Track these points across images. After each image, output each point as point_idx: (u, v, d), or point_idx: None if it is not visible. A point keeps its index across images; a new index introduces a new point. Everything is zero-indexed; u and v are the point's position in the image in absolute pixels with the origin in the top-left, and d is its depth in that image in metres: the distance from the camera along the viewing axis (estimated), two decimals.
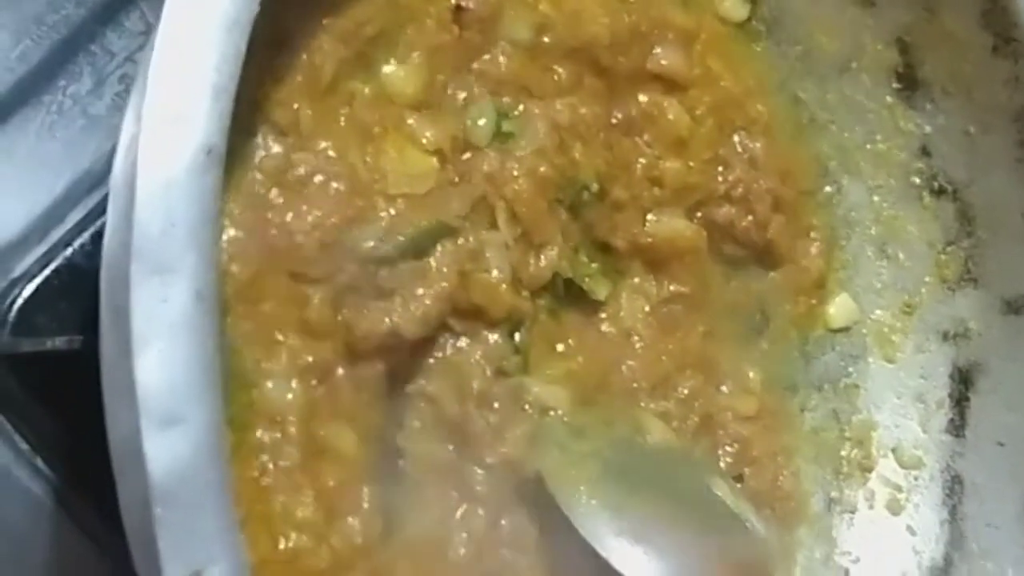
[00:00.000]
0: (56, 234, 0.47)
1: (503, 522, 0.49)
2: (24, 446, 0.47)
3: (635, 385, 0.54)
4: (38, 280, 0.46)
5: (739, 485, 0.55)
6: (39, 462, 0.47)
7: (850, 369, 0.60)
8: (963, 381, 0.59)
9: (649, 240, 0.54)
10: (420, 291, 0.47)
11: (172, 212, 0.33)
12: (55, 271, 0.47)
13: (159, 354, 0.33)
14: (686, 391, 0.55)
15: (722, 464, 0.56)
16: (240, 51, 0.35)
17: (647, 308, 0.55)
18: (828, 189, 0.60)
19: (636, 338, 0.54)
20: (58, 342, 0.45)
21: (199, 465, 0.33)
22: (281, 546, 0.43)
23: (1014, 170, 0.56)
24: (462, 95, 0.50)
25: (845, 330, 0.60)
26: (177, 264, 0.33)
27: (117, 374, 0.35)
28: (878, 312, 0.60)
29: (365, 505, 0.46)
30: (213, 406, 0.34)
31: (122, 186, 0.36)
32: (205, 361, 0.34)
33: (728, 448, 0.56)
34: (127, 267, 0.33)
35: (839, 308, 0.60)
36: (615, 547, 0.48)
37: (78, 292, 0.45)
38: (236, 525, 0.34)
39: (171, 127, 0.34)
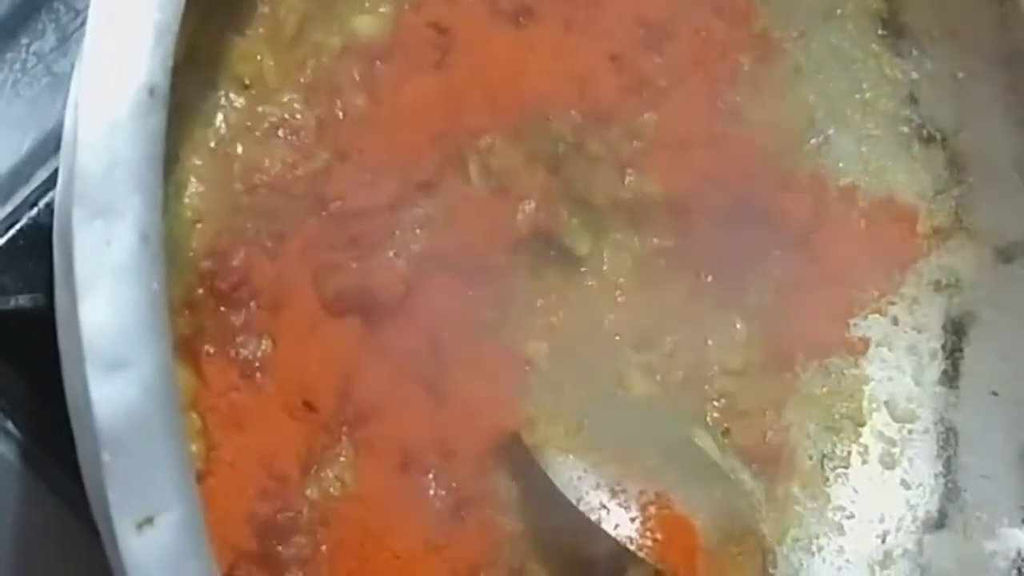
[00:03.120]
0: (22, 194, 0.47)
1: (482, 478, 0.48)
2: None
3: (617, 338, 0.53)
4: (3, 240, 0.46)
5: (726, 440, 0.55)
6: (9, 424, 0.46)
7: None
8: (956, 332, 0.58)
9: (628, 195, 0.53)
10: (392, 252, 0.47)
11: (115, 154, 0.33)
12: (20, 231, 0.46)
13: (104, 297, 0.32)
14: (671, 344, 0.54)
15: (708, 419, 0.55)
16: None
17: (630, 262, 0.54)
18: (815, 140, 0.59)
19: (619, 292, 0.54)
20: (22, 300, 0.44)
21: (148, 409, 0.33)
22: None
23: (1004, 115, 0.55)
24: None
25: None
26: (121, 206, 0.33)
27: (70, 324, 0.34)
28: None
29: (342, 459, 0.46)
30: (160, 349, 0.33)
31: (71, 136, 0.35)
32: (151, 304, 0.33)
33: (715, 403, 0.55)
34: None
35: None
36: (593, 501, 0.48)
37: (44, 252, 0.44)
38: (189, 470, 0.34)
39: (113, 68, 0.33)
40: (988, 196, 0.56)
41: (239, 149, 0.44)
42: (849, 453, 0.58)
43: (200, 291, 0.43)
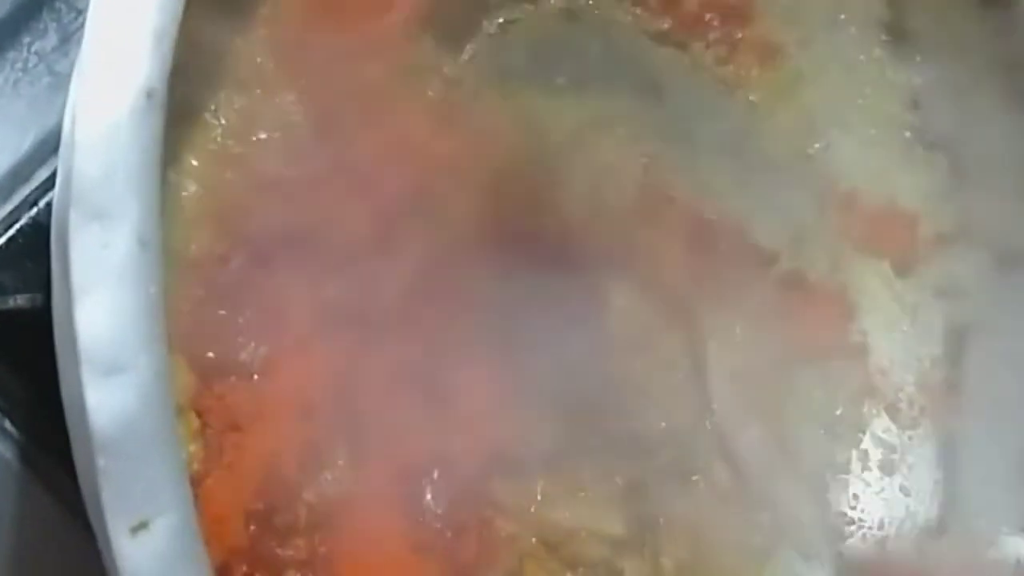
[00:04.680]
0: (22, 193, 0.47)
1: (479, 484, 0.48)
2: None
3: (616, 340, 0.53)
4: (3, 239, 0.46)
5: (724, 444, 0.55)
6: (6, 423, 0.47)
7: None
8: (958, 338, 0.58)
9: None
10: (390, 256, 0.47)
11: (112, 157, 0.33)
12: (20, 230, 0.46)
13: (100, 302, 0.32)
14: (670, 347, 0.54)
15: (707, 423, 0.55)
16: None
17: None
18: (817, 145, 0.58)
19: None
20: (20, 300, 0.44)
21: (144, 414, 0.33)
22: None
23: (1006, 122, 0.55)
24: None
25: None
26: (118, 210, 0.33)
27: (66, 327, 0.34)
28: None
29: (340, 462, 0.46)
30: (157, 355, 0.33)
31: (69, 138, 0.35)
32: (148, 309, 0.33)
33: (713, 407, 0.55)
34: None
35: None
36: None
37: (43, 251, 0.44)
38: (185, 476, 0.34)
39: (111, 71, 0.33)
40: (990, 202, 0.56)
41: (237, 149, 0.44)
42: (849, 458, 0.58)
43: (198, 293, 0.43)
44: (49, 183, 0.47)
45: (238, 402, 0.43)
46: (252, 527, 0.43)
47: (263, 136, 0.44)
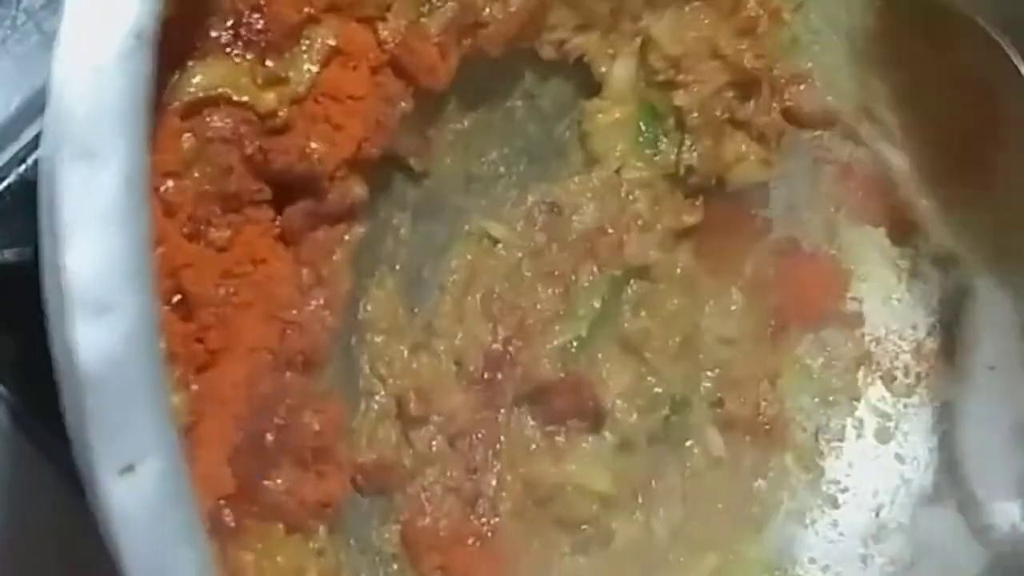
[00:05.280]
0: (10, 151, 0.47)
1: None
2: None
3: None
4: None
5: (719, 410, 0.55)
6: None
7: None
8: (953, 306, 0.58)
9: None
10: None
11: (100, 97, 0.32)
12: (8, 187, 0.46)
13: (87, 241, 0.32)
14: (668, 310, 0.54)
15: (701, 389, 0.55)
16: None
17: None
18: None
19: None
20: (8, 255, 0.44)
21: (131, 354, 0.32)
22: None
23: None
24: None
25: None
26: (105, 149, 0.32)
27: (54, 270, 0.34)
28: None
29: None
30: (144, 295, 0.33)
31: (58, 81, 0.35)
32: (136, 250, 0.33)
33: (708, 373, 0.55)
34: None
35: None
36: None
37: (32, 208, 0.44)
38: (171, 420, 0.33)
39: (99, 12, 0.33)
40: None
41: None
42: (844, 426, 0.58)
43: None
44: (38, 141, 0.46)
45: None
46: (238, 463, 0.42)
47: None
